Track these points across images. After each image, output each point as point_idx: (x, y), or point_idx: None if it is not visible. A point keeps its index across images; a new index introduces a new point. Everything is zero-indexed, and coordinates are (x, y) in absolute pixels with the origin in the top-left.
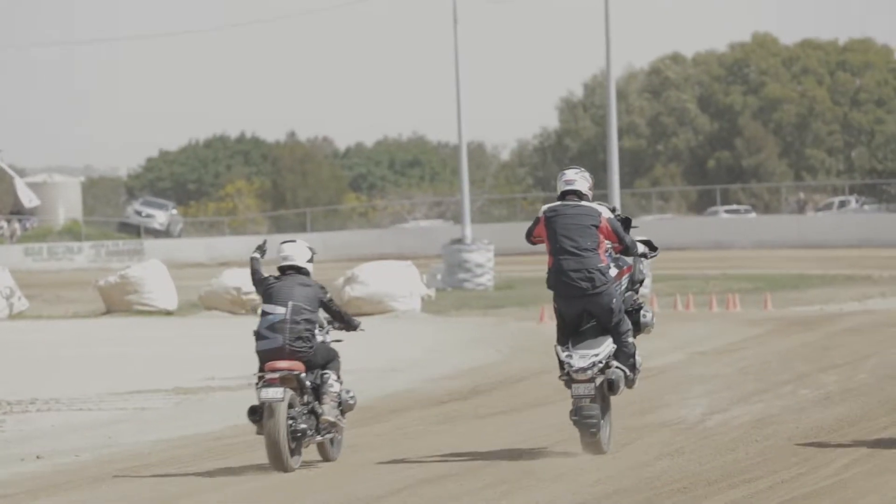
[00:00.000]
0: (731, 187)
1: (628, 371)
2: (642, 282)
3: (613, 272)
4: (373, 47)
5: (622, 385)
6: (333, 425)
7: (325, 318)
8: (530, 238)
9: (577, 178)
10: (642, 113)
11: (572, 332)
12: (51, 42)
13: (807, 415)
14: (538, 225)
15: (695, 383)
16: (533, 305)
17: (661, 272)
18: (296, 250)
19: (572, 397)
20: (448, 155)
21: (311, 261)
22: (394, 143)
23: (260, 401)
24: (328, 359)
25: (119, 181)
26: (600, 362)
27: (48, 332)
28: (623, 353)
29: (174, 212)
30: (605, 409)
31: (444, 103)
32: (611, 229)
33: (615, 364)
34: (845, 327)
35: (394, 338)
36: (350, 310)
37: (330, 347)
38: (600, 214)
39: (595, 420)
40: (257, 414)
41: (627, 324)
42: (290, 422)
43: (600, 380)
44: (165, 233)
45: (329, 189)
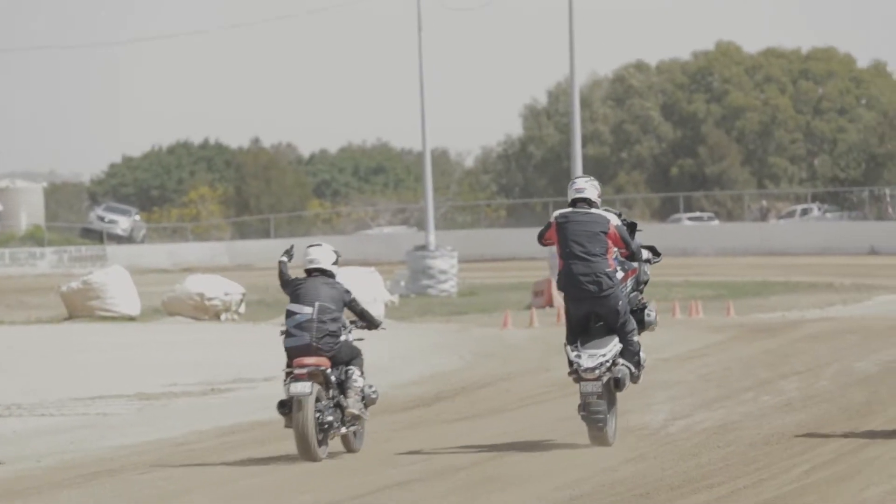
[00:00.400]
0: (695, 195)
1: (633, 368)
2: (647, 283)
3: (620, 275)
4: (337, 54)
5: (628, 382)
6: (357, 418)
7: (349, 318)
8: (542, 240)
9: (587, 187)
10: (606, 120)
11: (581, 331)
12: (9, 48)
13: (768, 421)
14: (549, 229)
15: (658, 389)
16: (496, 312)
17: None
18: (322, 254)
19: (580, 394)
20: (412, 162)
21: (335, 263)
22: (358, 150)
23: (289, 395)
24: (352, 356)
25: (82, 187)
26: (607, 362)
27: (10, 338)
28: (628, 351)
29: (137, 218)
30: (611, 405)
31: (408, 110)
32: (619, 236)
33: (621, 362)
34: (807, 334)
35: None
36: None
37: (353, 345)
38: (609, 222)
39: (602, 415)
40: (286, 407)
41: (632, 323)
42: (318, 414)
43: (607, 377)
44: (128, 239)
45: (293, 195)
